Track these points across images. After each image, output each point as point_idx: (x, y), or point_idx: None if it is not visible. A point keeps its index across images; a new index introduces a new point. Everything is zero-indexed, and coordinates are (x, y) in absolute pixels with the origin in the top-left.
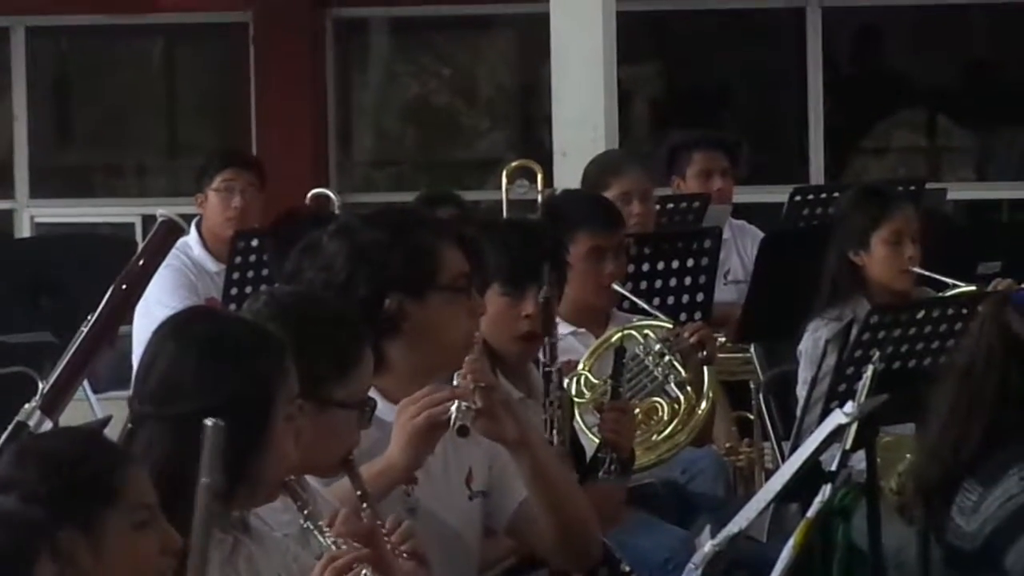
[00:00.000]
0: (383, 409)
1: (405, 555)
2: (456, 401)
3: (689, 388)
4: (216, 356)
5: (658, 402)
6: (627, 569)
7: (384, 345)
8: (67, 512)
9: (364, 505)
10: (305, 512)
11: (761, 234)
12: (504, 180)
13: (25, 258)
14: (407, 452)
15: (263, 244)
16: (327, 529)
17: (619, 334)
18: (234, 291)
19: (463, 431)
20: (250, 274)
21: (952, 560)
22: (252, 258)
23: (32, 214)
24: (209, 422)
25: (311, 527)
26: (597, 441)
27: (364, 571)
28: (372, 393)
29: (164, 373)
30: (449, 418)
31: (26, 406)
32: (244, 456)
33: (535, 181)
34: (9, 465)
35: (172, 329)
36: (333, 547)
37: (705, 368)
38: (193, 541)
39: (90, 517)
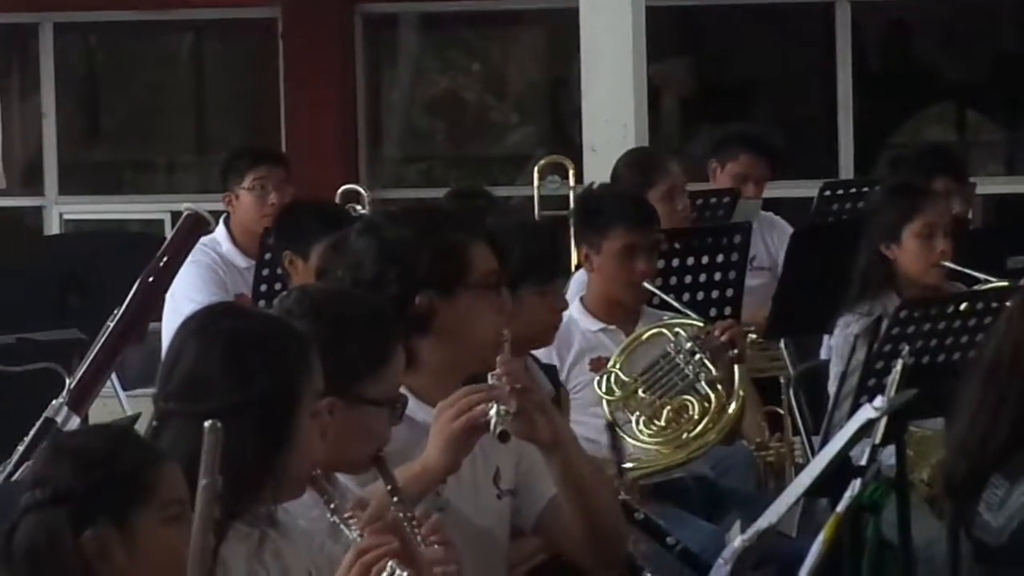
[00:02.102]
0: (413, 407)
1: (435, 544)
2: (495, 404)
3: (720, 387)
4: (240, 352)
5: (689, 400)
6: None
7: (414, 343)
8: (100, 509)
9: (395, 499)
10: (332, 506)
11: (788, 226)
12: (536, 176)
13: (54, 255)
14: (445, 455)
15: None
16: (353, 522)
17: (650, 332)
18: (263, 288)
19: (504, 437)
20: (279, 270)
21: (980, 555)
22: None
23: (61, 211)
24: (207, 423)
25: (338, 521)
26: (627, 439)
27: (391, 564)
28: (402, 391)
29: (188, 370)
30: (488, 422)
31: (54, 402)
32: (270, 452)
33: (567, 177)
34: (43, 462)
35: (196, 326)
36: (359, 539)
37: (736, 367)
38: (192, 541)
39: (123, 514)
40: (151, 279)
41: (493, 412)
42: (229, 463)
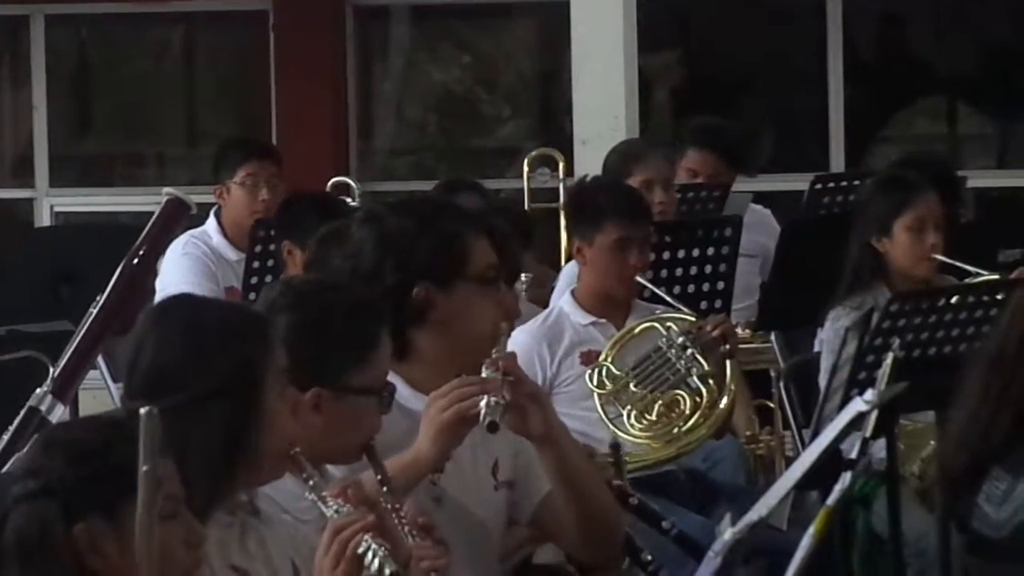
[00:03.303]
0: (410, 398)
1: (415, 533)
2: (485, 396)
3: (711, 381)
4: (198, 339)
5: (680, 395)
6: (648, 558)
7: (411, 334)
8: (93, 501)
9: (384, 489)
10: (311, 483)
11: (775, 224)
12: (525, 168)
13: (45, 247)
14: (435, 445)
15: None
16: (331, 501)
17: (642, 326)
18: (254, 280)
19: (492, 427)
20: (270, 263)
21: (977, 547)
22: (272, 246)
23: (52, 203)
24: (143, 410)
25: (316, 499)
26: (618, 432)
27: (367, 538)
28: (398, 382)
29: (149, 364)
30: (478, 412)
31: (37, 391)
32: (240, 434)
33: (556, 169)
34: (35, 453)
35: (153, 319)
36: (335, 515)
37: (727, 361)
38: (138, 530)
39: (116, 507)
40: (134, 262)
41: (483, 403)
42: (201, 450)
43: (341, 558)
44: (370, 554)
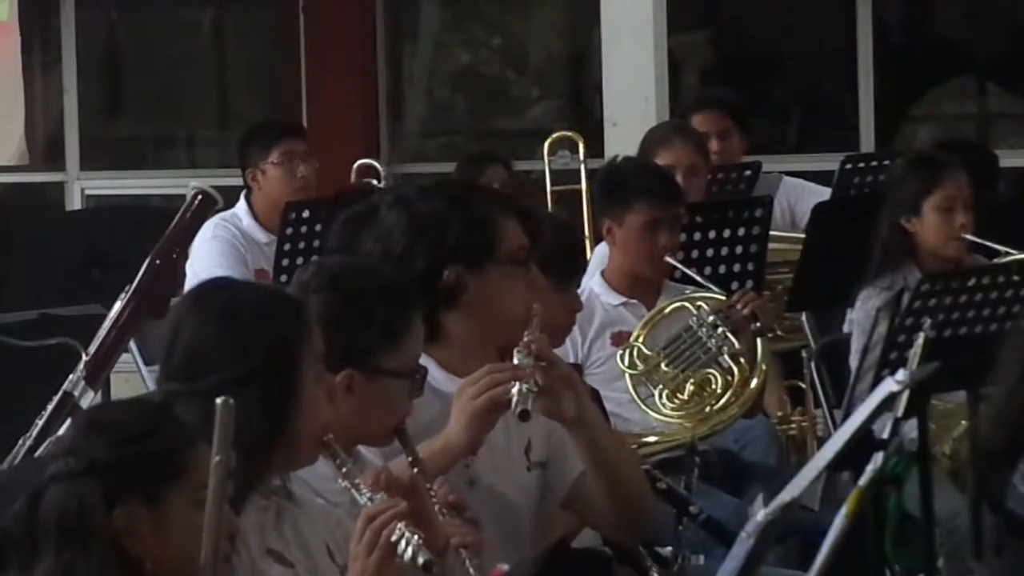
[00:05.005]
0: (443, 380)
1: (444, 512)
2: (517, 383)
3: (742, 360)
4: (234, 323)
5: (711, 374)
6: (696, 511)
7: (442, 317)
8: (133, 484)
9: (416, 471)
10: (344, 470)
11: (819, 191)
12: (546, 150)
13: (76, 231)
14: (467, 432)
15: (314, 215)
16: (364, 488)
17: (673, 305)
18: (285, 262)
19: (524, 416)
20: (301, 245)
21: (1013, 526)
22: (303, 229)
23: (83, 186)
24: (219, 400)
25: (348, 485)
26: (649, 412)
27: (400, 526)
28: (431, 364)
29: (186, 348)
30: (510, 399)
31: (71, 376)
32: (276, 419)
33: (577, 151)
34: (76, 434)
35: (190, 304)
36: (369, 503)
37: (758, 340)
38: (207, 518)
39: (154, 491)
40: (158, 260)
41: (515, 391)
42: (237, 435)
43: (374, 546)
44: (403, 542)
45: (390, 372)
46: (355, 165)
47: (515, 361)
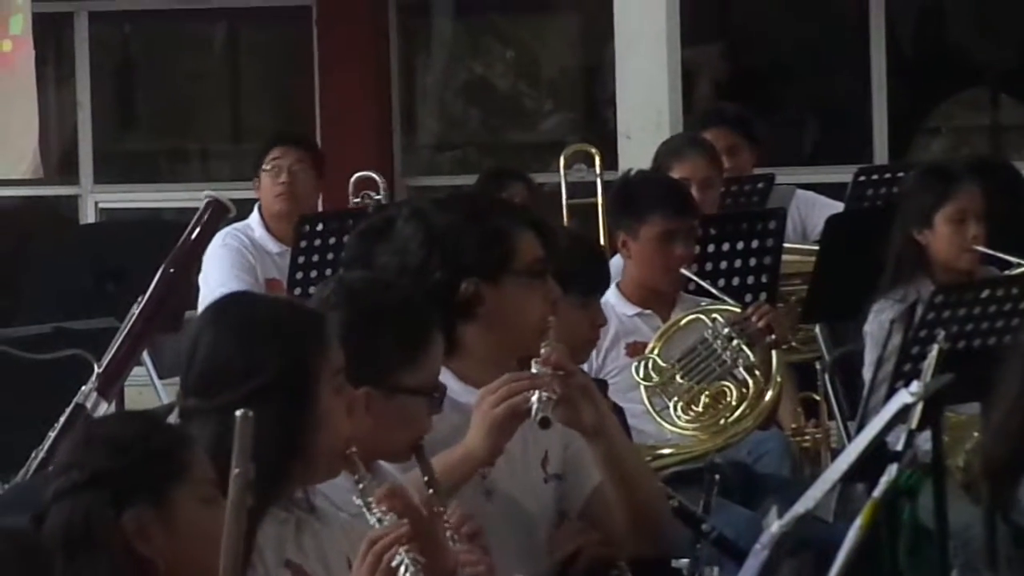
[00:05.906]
0: (460, 391)
1: (456, 538)
2: (536, 391)
3: (757, 372)
4: (251, 337)
5: (726, 386)
6: (676, 566)
7: (460, 329)
8: (139, 488)
9: (430, 491)
10: (360, 487)
11: (831, 205)
12: (562, 164)
13: (90, 244)
14: (487, 442)
15: (328, 228)
16: (375, 508)
17: (688, 317)
18: (299, 275)
19: (545, 423)
20: (315, 258)
21: (1019, 539)
22: (317, 242)
23: (96, 200)
24: (239, 413)
25: (361, 503)
26: (664, 424)
27: (402, 551)
28: (449, 377)
29: (204, 362)
30: (529, 408)
31: (83, 388)
32: (295, 433)
33: (593, 164)
34: (74, 449)
35: (208, 318)
36: (377, 524)
37: (773, 352)
38: (226, 531)
39: (159, 490)
40: (172, 269)
41: (535, 399)
42: (256, 449)
43: (375, 570)
44: (403, 568)
45: (409, 390)
46: (353, 178)
47: (533, 371)
